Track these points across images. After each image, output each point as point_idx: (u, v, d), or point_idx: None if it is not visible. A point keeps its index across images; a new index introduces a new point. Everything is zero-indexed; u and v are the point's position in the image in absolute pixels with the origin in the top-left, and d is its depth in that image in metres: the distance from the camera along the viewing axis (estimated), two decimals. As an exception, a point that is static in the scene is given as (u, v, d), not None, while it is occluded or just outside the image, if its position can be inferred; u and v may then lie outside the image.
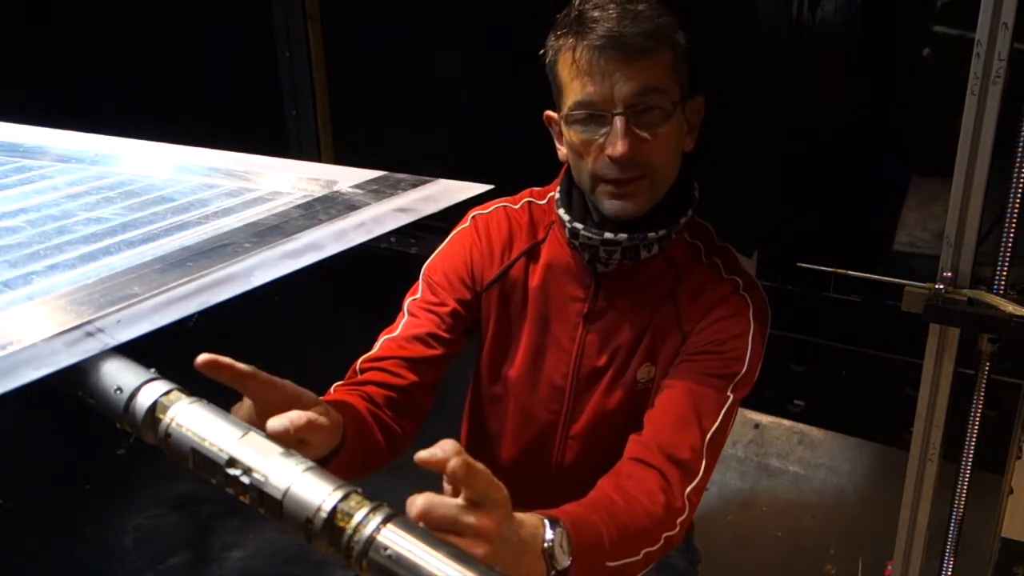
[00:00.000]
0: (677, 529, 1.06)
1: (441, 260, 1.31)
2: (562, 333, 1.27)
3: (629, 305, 1.24)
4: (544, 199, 1.32)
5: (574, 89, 1.13)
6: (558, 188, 1.27)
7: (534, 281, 1.28)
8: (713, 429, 1.14)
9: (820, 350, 1.98)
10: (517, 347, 1.30)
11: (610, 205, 1.17)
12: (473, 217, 1.33)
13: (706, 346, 1.19)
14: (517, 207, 1.33)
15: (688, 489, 1.10)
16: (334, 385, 1.18)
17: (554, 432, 1.31)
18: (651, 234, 1.18)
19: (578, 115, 1.14)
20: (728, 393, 1.17)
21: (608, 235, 1.18)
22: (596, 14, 1.11)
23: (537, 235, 1.30)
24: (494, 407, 1.35)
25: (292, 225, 0.72)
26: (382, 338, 1.24)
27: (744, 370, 1.18)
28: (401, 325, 1.25)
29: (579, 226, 1.20)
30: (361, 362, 1.20)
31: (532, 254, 1.29)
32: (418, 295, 1.28)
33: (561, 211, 1.24)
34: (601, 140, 1.13)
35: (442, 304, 1.26)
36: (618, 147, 1.10)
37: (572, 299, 1.26)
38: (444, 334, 1.24)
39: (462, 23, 2.46)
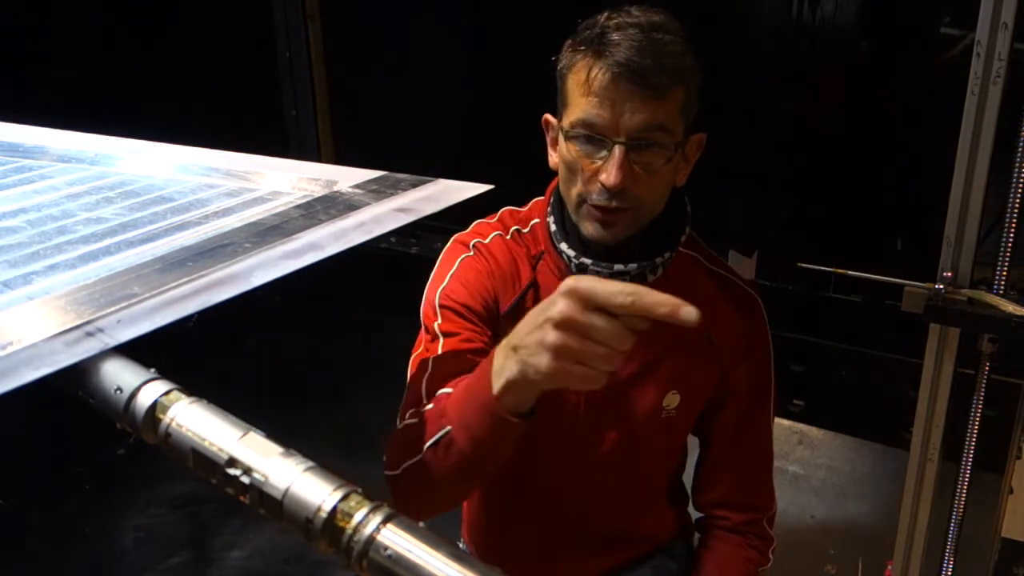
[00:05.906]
0: (771, 560, 1.34)
1: (456, 288, 1.21)
2: None
3: None
4: (527, 227, 1.27)
5: (581, 106, 1.09)
6: (550, 217, 1.23)
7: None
8: (772, 456, 1.36)
9: (820, 350, 1.99)
10: None
11: (591, 228, 1.14)
12: (474, 244, 1.25)
13: (749, 389, 1.30)
14: (508, 236, 1.27)
15: (769, 519, 1.35)
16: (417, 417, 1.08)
17: (573, 457, 1.29)
18: (657, 259, 1.18)
19: (579, 133, 1.11)
20: (770, 417, 1.34)
21: (619, 267, 1.17)
22: (617, 37, 1.06)
23: (534, 266, 1.25)
24: None
25: (292, 225, 0.72)
26: (424, 364, 1.15)
27: (773, 389, 1.33)
28: (441, 345, 1.16)
29: (588, 261, 1.18)
30: (426, 384, 1.12)
31: (535, 285, 1.25)
32: (439, 321, 1.19)
33: (564, 246, 1.20)
34: (597, 164, 1.10)
35: (473, 326, 1.19)
36: (612, 176, 1.08)
37: None
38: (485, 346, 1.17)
39: (462, 23, 2.46)
